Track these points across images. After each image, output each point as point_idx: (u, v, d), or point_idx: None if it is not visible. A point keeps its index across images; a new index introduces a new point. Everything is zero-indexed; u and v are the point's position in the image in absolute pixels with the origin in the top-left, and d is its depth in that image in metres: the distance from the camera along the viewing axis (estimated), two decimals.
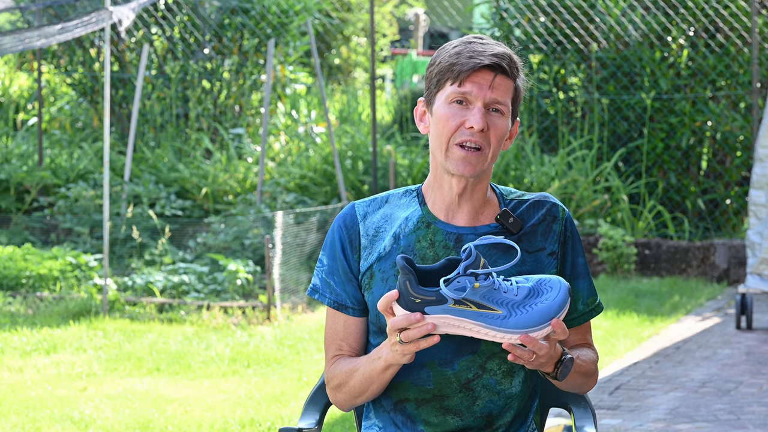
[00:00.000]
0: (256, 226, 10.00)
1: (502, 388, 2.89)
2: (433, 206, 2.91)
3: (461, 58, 2.81)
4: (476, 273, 2.62)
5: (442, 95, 2.84)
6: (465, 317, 2.64)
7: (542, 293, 2.66)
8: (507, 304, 2.64)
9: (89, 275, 9.18)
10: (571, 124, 11.81)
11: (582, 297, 2.93)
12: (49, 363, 7.13)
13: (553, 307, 2.65)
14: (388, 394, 2.92)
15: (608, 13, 11.56)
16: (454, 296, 2.62)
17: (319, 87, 11.38)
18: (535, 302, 2.66)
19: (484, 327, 2.65)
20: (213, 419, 5.93)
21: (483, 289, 2.62)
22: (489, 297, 2.63)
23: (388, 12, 20.85)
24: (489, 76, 2.82)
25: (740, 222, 11.34)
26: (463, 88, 2.81)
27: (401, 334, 2.66)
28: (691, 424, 5.94)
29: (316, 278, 2.96)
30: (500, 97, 2.83)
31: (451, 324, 2.65)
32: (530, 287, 2.67)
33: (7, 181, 11.97)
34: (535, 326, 2.65)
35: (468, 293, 2.62)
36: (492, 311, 2.64)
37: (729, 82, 11.36)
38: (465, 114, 2.82)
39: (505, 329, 2.65)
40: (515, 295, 2.65)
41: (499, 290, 2.64)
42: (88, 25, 9.19)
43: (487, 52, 2.81)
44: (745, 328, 8.47)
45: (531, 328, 2.64)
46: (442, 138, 2.84)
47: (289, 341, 7.80)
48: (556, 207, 2.94)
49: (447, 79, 2.83)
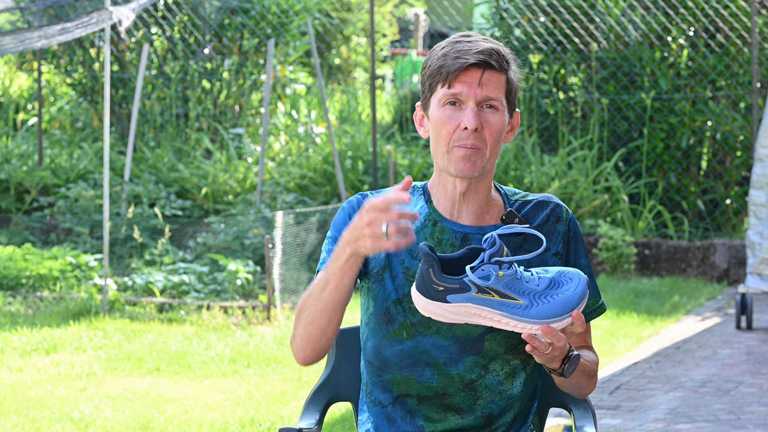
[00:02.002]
0: (256, 226, 10.00)
1: (504, 389, 2.90)
2: (438, 204, 2.92)
3: (448, 60, 2.81)
4: (501, 261, 2.61)
5: (435, 98, 2.84)
6: (487, 306, 2.62)
7: (562, 284, 2.66)
8: (529, 294, 2.64)
9: (89, 275, 9.18)
10: (571, 124, 11.81)
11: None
12: (49, 363, 7.13)
13: (574, 299, 2.65)
14: (386, 389, 2.92)
15: (608, 13, 11.56)
16: (481, 283, 2.60)
17: (319, 87, 11.38)
18: (556, 293, 2.65)
19: (506, 317, 2.64)
20: (213, 419, 5.93)
21: (506, 278, 2.61)
22: (512, 286, 2.62)
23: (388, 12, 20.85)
24: (477, 73, 2.81)
25: (740, 222, 11.34)
26: (453, 89, 2.81)
27: (389, 227, 2.58)
28: (691, 424, 5.94)
29: (324, 253, 2.94)
30: (491, 93, 2.82)
31: (472, 313, 2.64)
32: (551, 278, 2.66)
33: (7, 181, 11.97)
34: (556, 317, 2.64)
35: (492, 282, 2.60)
36: (514, 300, 2.63)
37: (729, 82, 11.36)
38: (459, 115, 2.81)
39: (526, 319, 2.64)
40: (537, 285, 2.64)
41: (521, 280, 2.63)
42: (88, 25, 9.19)
43: (472, 50, 2.81)
44: (745, 328, 8.47)
45: (552, 318, 2.64)
46: (441, 142, 2.83)
47: (289, 341, 7.80)
48: (560, 207, 2.94)
49: (438, 82, 2.83)
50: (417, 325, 2.87)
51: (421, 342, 2.87)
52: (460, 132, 2.81)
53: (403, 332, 2.88)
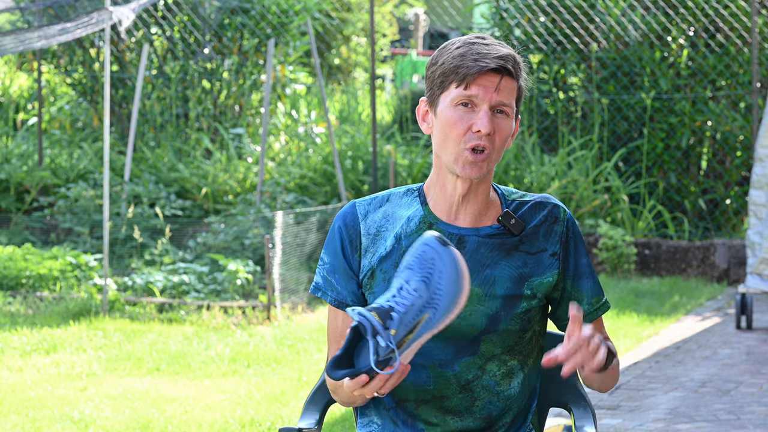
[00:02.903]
0: (256, 226, 10.00)
1: (501, 390, 2.89)
2: (434, 206, 2.91)
3: (466, 61, 2.79)
4: (381, 327, 2.56)
5: (447, 97, 2.82)
6: (414, 343, 2.61)
7: (433, 271, 2.61)
8: (423, 306, 2.60)
9: (89, 275, 9.18)
10: (571, 124, 11.81)
11: (586, 297, 2.92)
12: (49, 363, 7.13)
13: (453, 272, 2.60)
14: (389, 392, 2.92)
15: (608, 13, 11.56)
16: (391, 347, 2.56)
17: (319, 87, 11.38)
18: (438, 283, 2.61)
19: (432, 331, 2.62)
20: (213, 419, 5.93)
21: (399, 324, 2.57)
22: (408, 321, 2.59)
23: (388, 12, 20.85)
24: (495, 78, 2.80)
25: (740, 222, 11.34)
26: (469, 92, 2.80)
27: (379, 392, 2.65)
28: (691, 424, 5.94)
29: (318, 276, 2.95)
30: (505, 100, 2.82)
31: (414, 350, 2.63)
32: (420, 278, 2.61)
33: (7, 181, 11.97)
34: (458, 294, 2.60)
35: (394, 339, 2.57)
36: (421, 322, 2.60)
37: (729, 82, 11.36)
38: (471, 117, 2.80)
39: (446, 317, 2.61)
40: (420, 296, 2.60)
41: (409, 307, 2.59)
42: (88, 25, 9.19)
43: (491, 54, 2.80)
44: (745, 328, 8.47)
45: (457, 296, 2.61)
46: (451, 142, 2.82)
47: (289, 341, 7.80)
48: (557, 208, 2.93)
49: (452, 82, 2.81)
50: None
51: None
52: (471, 134, 2.80)
53: None
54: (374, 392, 2.62)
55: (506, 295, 2.86)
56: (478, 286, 2.85)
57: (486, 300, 2.85)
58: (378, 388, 2.61)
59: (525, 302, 2.87)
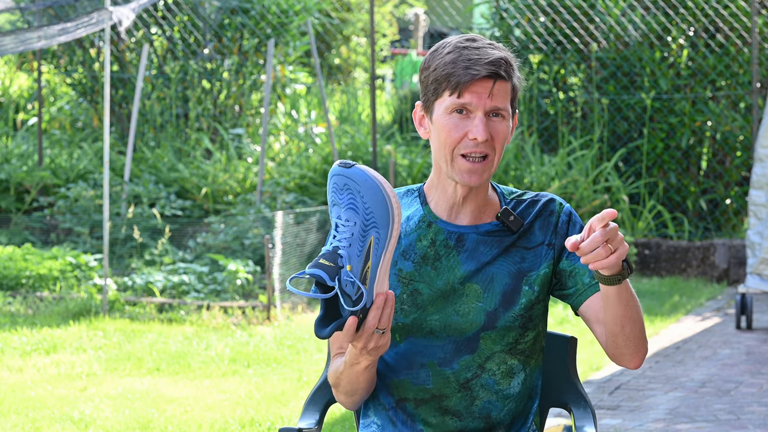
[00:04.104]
0: (256, 226, 10.00)
1: (501, 389, 2.89)
2: (435, 206, 2.92)
3: (457, 68, 2.79)
4: (334, 269, 2.57)
5: (441, 105, 2.83)
6: (379, 268, 2.61)
7: (353, 195, 2.61)
8: (363, 231, 2.60)
9: (89, 275, 9.18)
10: (571, 124, 11.81)
11: (588, 271, 2.88)
12: (49, 363, 7.13)
13: (369, 185, 2.60)
14: (388, 392, 2.92)
15: (608, 13, 11.56)
16: (354, 287, 2.58)
17: (319, 87, 11.38)
18: (363, 202, 2.60)
19: (387, 249, 2.62)
20: (213, 419, 5.93)
21: (350, 258, 2.58)
22: (357, 251, 2.59)
23: (388, 12, 20.85)
24: (488, 84, 2.80)
25: (740, 222, 11.34)
26: (463, 99, 2.80)
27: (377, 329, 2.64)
28: (691, 424, 5.94)
29: None
30: (500, 104, 2.81)
31: (384, 275, 2.62)
32: (346, 207, 2.61)
33: (7, 181, 11.97)
34: (386, 201, 2.60)
35: (354, 274, 2.58)
36: (372, 246, 2.60)
37: (729, 82, 11.36)
38: (467, 124, 2.81)
39: (392, 228, 2.61)
40: (354, 223, 2.60)
41: (351, 239, 2.59)
42: (88, 25, 9.19)
43: (482, 60, 2.79)
44: (745, 328, 8.47)
45: (386, 203, 2.60)
46: (446, 149, 2.82)
47: (289, 341, 7.80)
48: (553, 202, 2.94)
49: (445, 89, 2.81)
50: (409, 326, 2.87)
51: (414, 343, 2.88)
52: (468, 141, 2.80)
53: (396, 335, 2.88)
54: (373, 332, 2.61)
55: (505, 291, 2.86)
56: (477, 283, 2.85)
57: (485, 297, 2.85)
58: (374, 325, 2.61)
59: (524, 298, 2.87)
